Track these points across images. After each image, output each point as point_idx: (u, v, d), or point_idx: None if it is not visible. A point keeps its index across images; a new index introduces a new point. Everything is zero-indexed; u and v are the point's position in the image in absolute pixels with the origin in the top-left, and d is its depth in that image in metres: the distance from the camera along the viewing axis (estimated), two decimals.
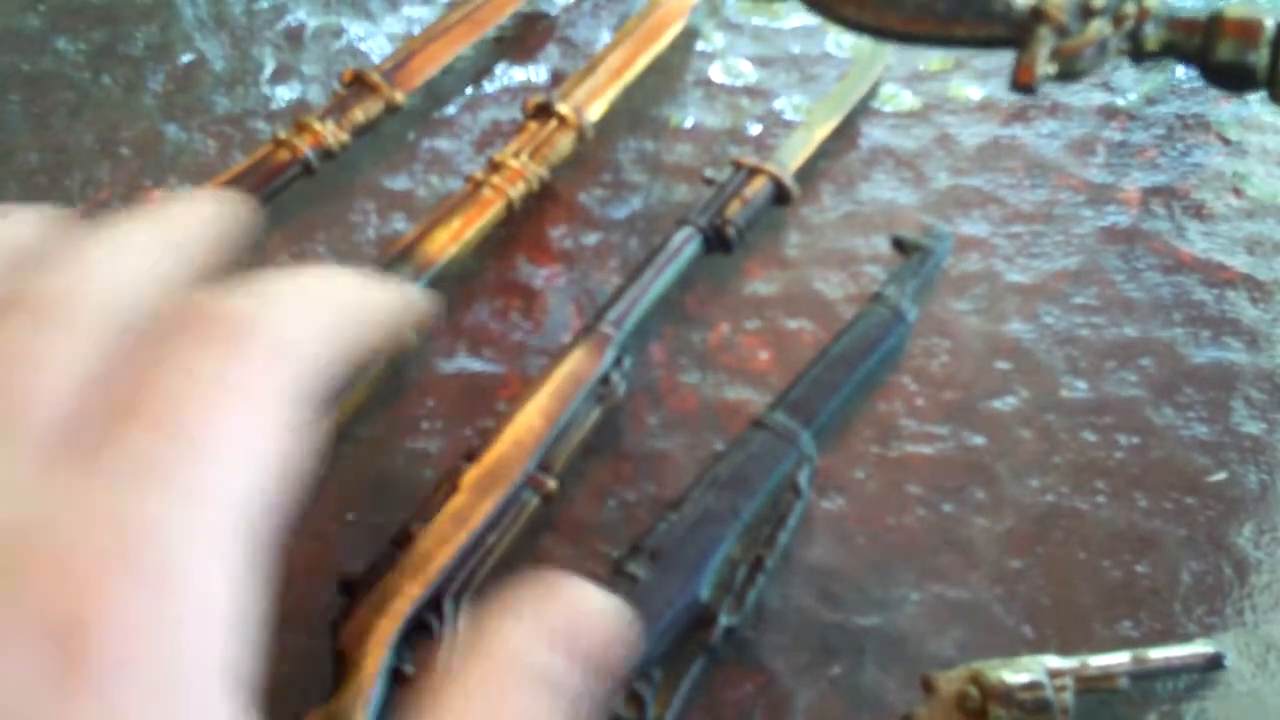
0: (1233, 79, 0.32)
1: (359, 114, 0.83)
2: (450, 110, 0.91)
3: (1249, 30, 0.31)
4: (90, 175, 0.86)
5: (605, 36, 0.97)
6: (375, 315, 0.34)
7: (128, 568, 0.22)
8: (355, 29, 0.97)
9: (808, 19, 1.00)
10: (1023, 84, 0.31)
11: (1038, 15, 0.31)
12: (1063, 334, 0.78)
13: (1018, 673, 0.59)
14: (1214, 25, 0.31)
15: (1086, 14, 0.31)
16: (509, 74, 0.95)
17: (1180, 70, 0.97)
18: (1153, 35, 0.31)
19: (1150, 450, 0.73)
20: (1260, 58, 0.31)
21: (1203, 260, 0.83)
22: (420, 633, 0.60)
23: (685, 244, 0.77)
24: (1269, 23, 0.31)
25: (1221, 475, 0.72)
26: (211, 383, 0.26)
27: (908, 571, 0.67)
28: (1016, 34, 0.31)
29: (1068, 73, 0.31)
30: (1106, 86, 0.96)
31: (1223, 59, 0.31)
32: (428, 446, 0.71)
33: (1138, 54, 0.32)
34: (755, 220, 0.80)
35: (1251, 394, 0.75)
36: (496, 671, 0.26)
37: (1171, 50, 0.32)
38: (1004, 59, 0.99)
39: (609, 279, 0.80)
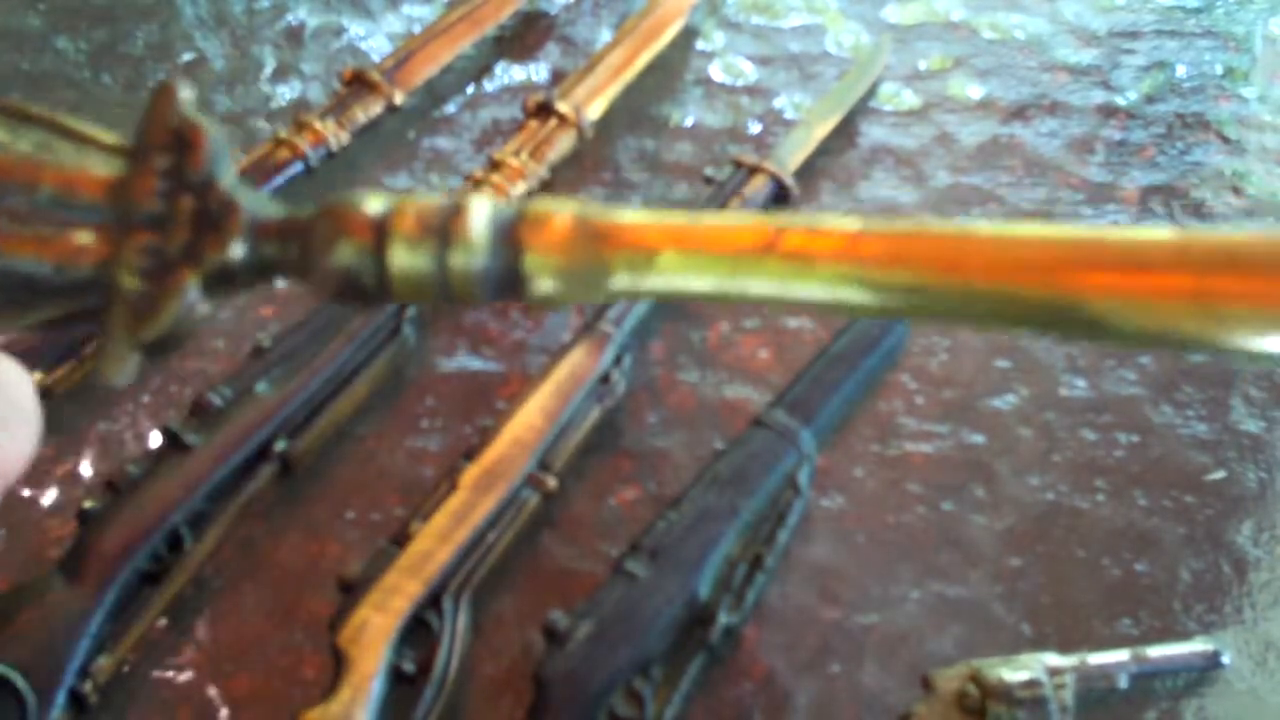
0: (345, 292, 0.25)
1: (359, 113, 0.83)
2: (450, 109, 0.91)
3: (352, 225, 0.24)
4: None
5: (605, 35, 0.97)
6: None
7: None
8: (355, 28, 0.97)
9: (808, 18, 1.00)
10: (106, 379, 0.25)
11: (103, 281, 0.24)
12: None
13: (1017, 671, 0.59)
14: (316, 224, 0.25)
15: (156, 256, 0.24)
16: (509, 73, 0.95)
17: (1181, 69, 0.97)
18: (239, 257, 0.25)
19: (1149, 448, 0.73)
20: (364, 261, 0.24)
21: None
22: (420, 631, 0.61)
23: None
24: (376, 209, 0.24)
25: (1220, 473, 0.72)
26: None
27: (907, 570, 0.67)
28: (97, 302, 0.25)
29: (160, 345, 0.25)
30: (1106, 85, 0.96)
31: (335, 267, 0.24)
32: (427, 444, 0.71)
33: (224, 280, 0.25)
34: None
35: (1250, 392, 0.75)
36: None
37: (267, 270, 0.26)
38: (1005, 59, 0.99)
39: None
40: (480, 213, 0.25)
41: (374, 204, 0.25)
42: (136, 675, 0.61)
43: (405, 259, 0.25)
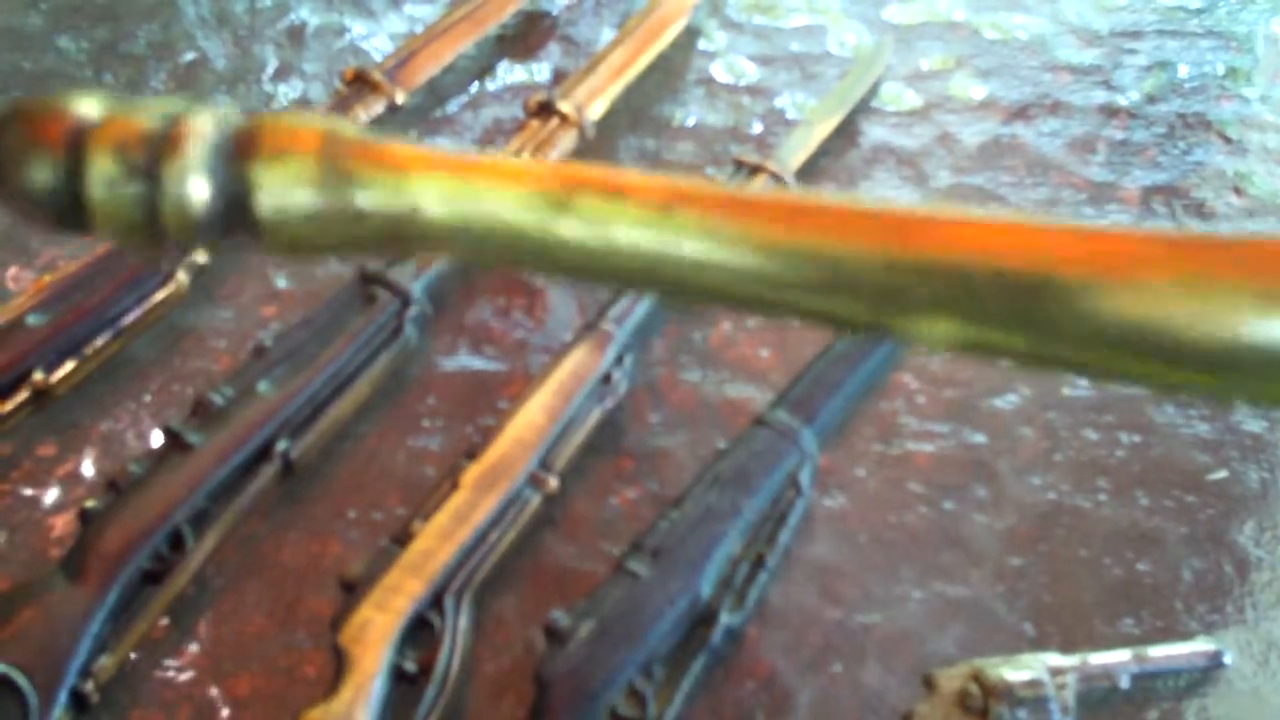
0: (39, 216, 0.21)
1: (361, 112, 0.83)
2: (452, 108, 0.91)
3: (48, 134, 0.20)
4: None
5: (607, 35, 0.97)
6: None
7: None
8: (357, 27, 0.97)
9: (809, 18, 1.00)
10: None
11: None
12: None
13: (1019, 670, 0.59)
14: None
15: None
16: (511, 72, 0.95)
17: (1183, 69, 0.97)
18: None
19: (1151, 448, 0.73)
20: (59, 180, 0.20)
21: None
22: (422, 630, 0.60)
23: None
24: (84, 115, 0.19)
25: (1222, 473, 0.72)
26: None
27: (909, 569, 0.67)
28: None
29: None
30: (1108, 85, 0.96)
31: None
32: (429, 444, 0.71)
33: None
34: None
35: None
36: None
37: None
38: (1007, 59, 0.99)
39: None
40: (203, 130, 0.20)
41: (82, 107, 0.20)
42: (138, 674, 0.61)
43: (107, 181, 0.20)
